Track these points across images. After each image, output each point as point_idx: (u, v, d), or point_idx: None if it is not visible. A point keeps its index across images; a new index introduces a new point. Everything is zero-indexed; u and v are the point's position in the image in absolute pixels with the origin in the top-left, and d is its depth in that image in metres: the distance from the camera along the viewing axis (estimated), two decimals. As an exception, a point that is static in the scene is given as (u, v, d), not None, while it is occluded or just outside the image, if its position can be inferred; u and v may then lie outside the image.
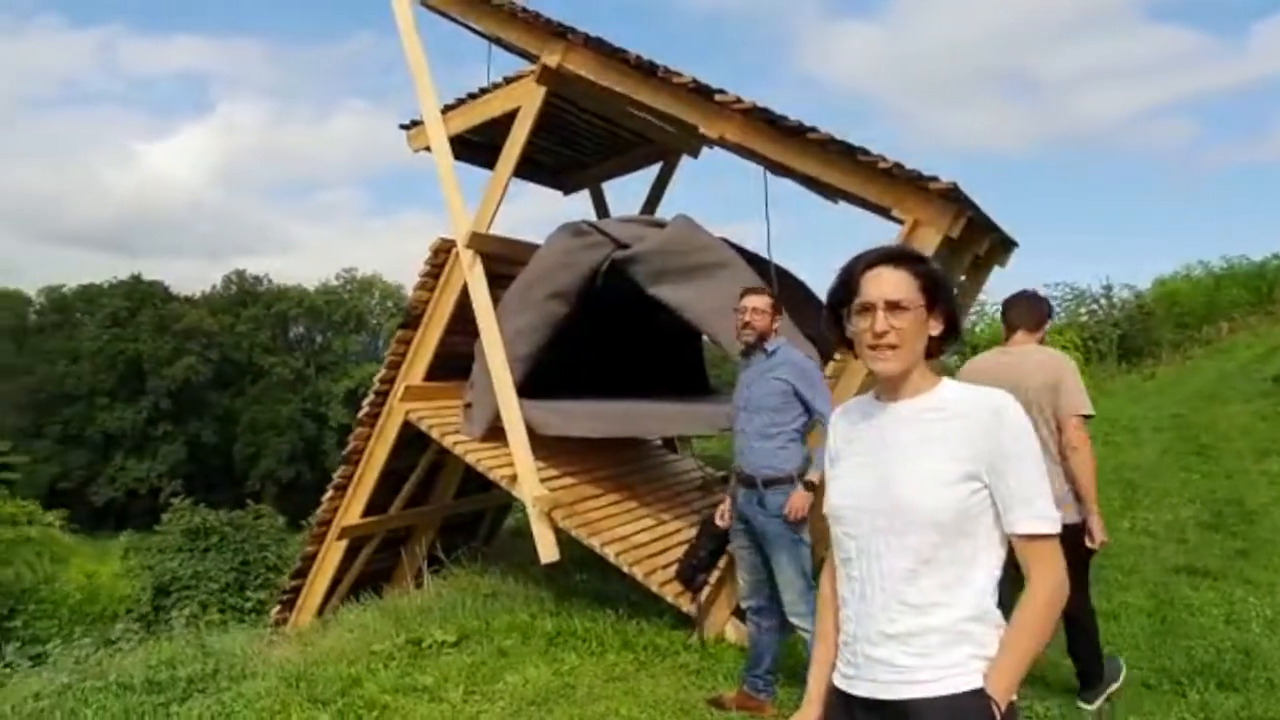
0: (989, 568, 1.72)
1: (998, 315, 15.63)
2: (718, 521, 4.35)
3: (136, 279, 55.05)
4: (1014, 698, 1.70)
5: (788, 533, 3.94)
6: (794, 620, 3.98)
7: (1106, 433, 11.53)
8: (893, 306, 1.70)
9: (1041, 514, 1.67)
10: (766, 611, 4.13)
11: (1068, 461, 3.68)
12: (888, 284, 1.72)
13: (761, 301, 4.12)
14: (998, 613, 1.73)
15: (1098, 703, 3.87)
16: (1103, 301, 19.62)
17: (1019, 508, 1.67)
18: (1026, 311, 3.95)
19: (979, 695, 1.65)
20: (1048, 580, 1.68)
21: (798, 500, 3.94)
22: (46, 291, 56.89)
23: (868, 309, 1.72)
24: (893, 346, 1.70)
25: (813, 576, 3.88)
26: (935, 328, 1.74)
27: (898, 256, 1.76)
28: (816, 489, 3.89)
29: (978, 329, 16.30)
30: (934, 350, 1.77)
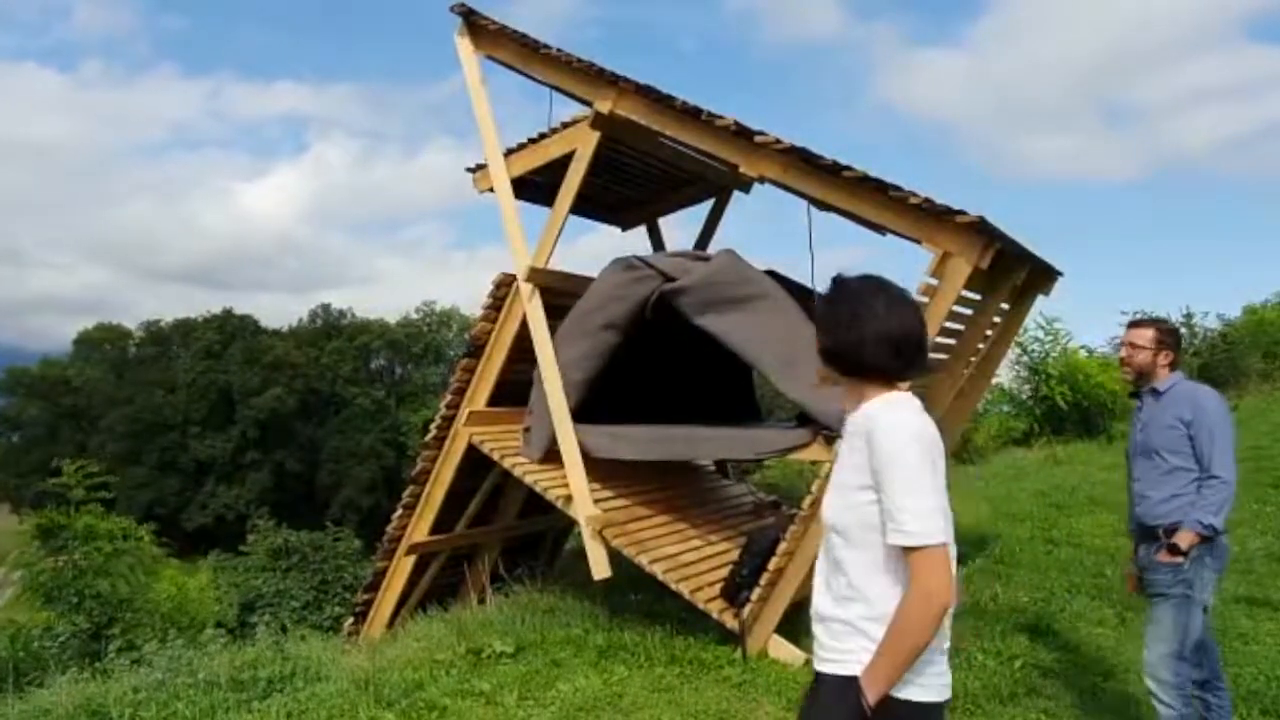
0: (895, 575, 1.90)
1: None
2: (1129, 589, 3.90)
3: (228, 313, 57.61)
4: (915, 698, 1.88)
5: (1177, 584, 3.45)
6: (1148, 682, 3.52)
7: (1178, 464, 11.24)
8: None
9: (901, 528, 1.85)
10: (1211, 685, 3.61)
11: None
12: None
13: (1140, 335, 3.65)
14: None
15: None
16: (1183, 330, 19.08)
17: (888, 521, 1.88)
18: None
19: (854, 683, 1.88)
20: (913, 590, 1.85)
21: (1160, 557, 3.49)
22: (146, 325, 59.96)
23: None
24: None
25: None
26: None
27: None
28: (1183, 552, 3.43)
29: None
30: (829, 361, 2.06)
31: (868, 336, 1.97)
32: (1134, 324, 3.72)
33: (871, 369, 1.99)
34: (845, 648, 1.94)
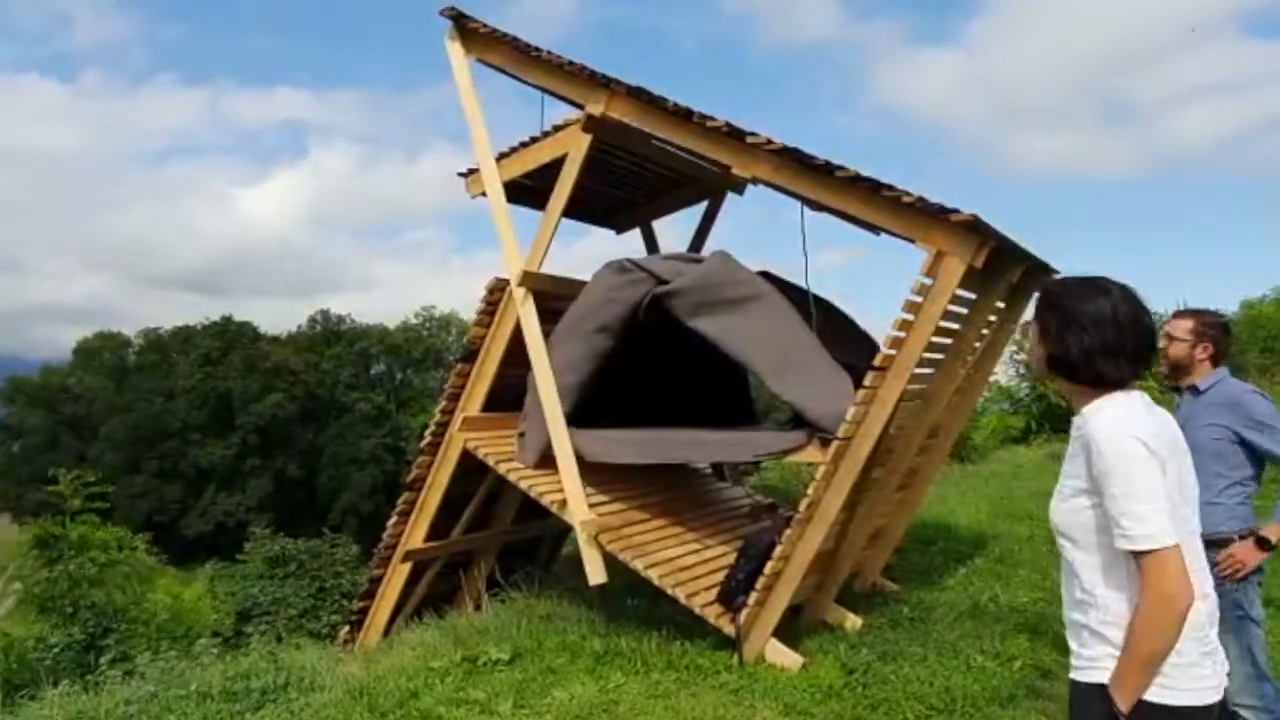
0: (1121, 578, 1.90)
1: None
2: None
3: (228, 320, 57.58)
4: (1170, 702, 1.85)
5: (1229, 607, 3.20)
6: (1236, 710, 3.35)
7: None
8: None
9: (1125, 533, 1.84)
10: (1261, 711, 3.40)
11: None
12: None
13: (1177, 327, 3.47)
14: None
15: None
16: (1182, 327, 19.01)
17: (1114, 527, 1.87)
18: None
19: (1103, 690, 1.87)
20: (1148, 594, 1.82)
21: (1239, 552, 3.33)
22: (145, 333, 59.91)
23: None
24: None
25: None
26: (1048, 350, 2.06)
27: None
28: (1271, 547, 3.29)
29: None
30: (1061, 371, 2.05)
31: (1089, 347, 1.96)
32: (1176, 315, 3.58)
33: (1094, 379, 1.99)
34: (1091, 654, 1.96)
